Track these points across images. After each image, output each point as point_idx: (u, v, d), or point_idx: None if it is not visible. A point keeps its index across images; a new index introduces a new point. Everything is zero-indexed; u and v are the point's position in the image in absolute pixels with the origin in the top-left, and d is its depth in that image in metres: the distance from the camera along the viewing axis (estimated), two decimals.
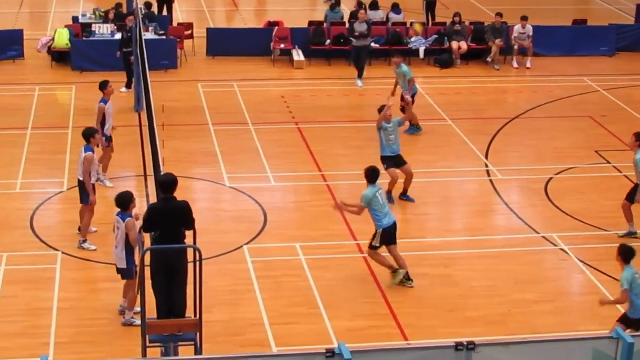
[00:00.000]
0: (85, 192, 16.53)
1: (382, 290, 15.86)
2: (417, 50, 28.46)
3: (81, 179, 16.49)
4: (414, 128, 22.14)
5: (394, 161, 18.70)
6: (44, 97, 24.59)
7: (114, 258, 14.43)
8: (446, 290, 16.01)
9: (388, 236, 15.81)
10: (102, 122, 18.68)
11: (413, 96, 21.85)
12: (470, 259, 17.20)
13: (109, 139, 18.93)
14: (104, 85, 18.93)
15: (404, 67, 22.15)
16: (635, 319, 13.42)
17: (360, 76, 26.26)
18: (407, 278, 15.88)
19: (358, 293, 15.81)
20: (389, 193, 18.62)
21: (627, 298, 13.38)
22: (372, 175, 16.05)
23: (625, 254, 13.51)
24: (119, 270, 14.49)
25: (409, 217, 18.97)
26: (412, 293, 15.81)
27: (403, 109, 21.71)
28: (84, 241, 16.77)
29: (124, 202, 14.18)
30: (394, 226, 15.84)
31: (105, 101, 18.84)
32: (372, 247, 16.04)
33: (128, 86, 24.83)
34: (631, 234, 17.58)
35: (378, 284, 16.02)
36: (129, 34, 24.40)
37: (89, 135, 16.73)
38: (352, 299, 15.60)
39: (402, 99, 21.76)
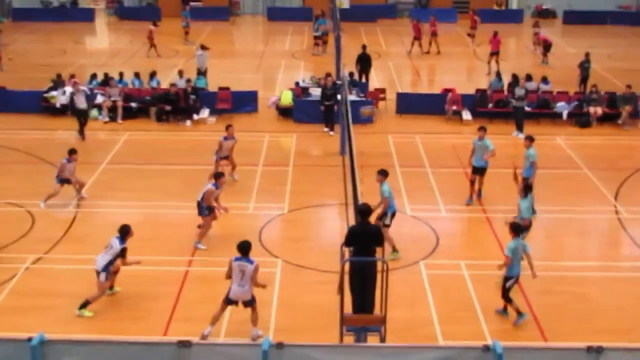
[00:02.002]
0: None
1: (527, 301, 15.39)
2: (561, 113, 27.65)
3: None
4: None
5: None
6: (271, 142, 25.12)
7: (240, 294, 13.64)
8: (580, 305, 15.42)
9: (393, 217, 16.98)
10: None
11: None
12: (601, 280, 16.53)
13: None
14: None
15: (487, 141, 20.06)
16: (510, 276, 14.42)
17: (520, 129, 25.63)
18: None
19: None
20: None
21: (509, 261, 14.25)
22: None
23: (515, 229, 14.42)
24: (246, 304, 13.78)
25: (552, 246, 18.39)
26: (552, 305, 15.31)
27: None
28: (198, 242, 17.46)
29: (248, 248, 13.64)
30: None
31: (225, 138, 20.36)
32: (385, 225, 16.72)
33: (332, 129, 25.40)
34: None
35: (525, 296, 15.56)
36: (332, 91, 24.98)
37: (216, 176, 17.85)
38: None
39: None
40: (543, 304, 15.38)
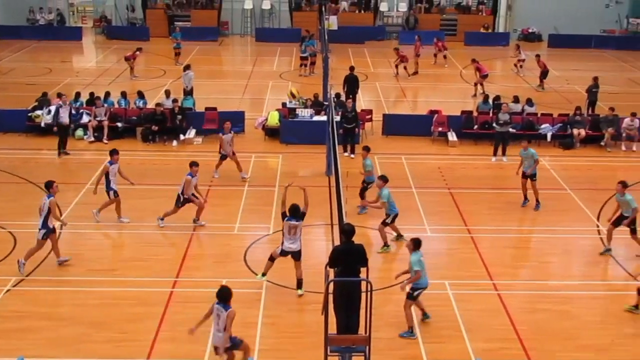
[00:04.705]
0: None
1: (511, 320, 15.52)
2: (546, 135, 27.86)
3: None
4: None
5: None
6: (258, 162, 25.17)
7: (216, 341, 13.08)
8: (564, 322, 15.55)
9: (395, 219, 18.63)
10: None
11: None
12: (584, 299, 16.64)
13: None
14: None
15: (531, 150, 21.51)
16: (420, 288, 14.95)
17: (503, 153, 25.83)
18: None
19: (492, 321, 15.51)
20: None
21: (420, 275, 14.82)
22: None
23: (415, 244, 15.01)
24: (226, 350, 13.15)
25: (535, 264, 18.54)
26: (536, 323, 15.43)
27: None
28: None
29: (226, 296, 12.98)
30: None
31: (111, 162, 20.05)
32: (384, 223, 18.56)
33: (352, 152, 25.73)
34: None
35: (508, 314, 15.69)
36: (353, 114, 25.91)
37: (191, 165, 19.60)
38: (487, 326, 15.31)
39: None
40: (527, 321, 15.49)
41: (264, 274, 16.50)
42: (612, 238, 18.73)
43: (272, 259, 16.43)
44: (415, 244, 15.10)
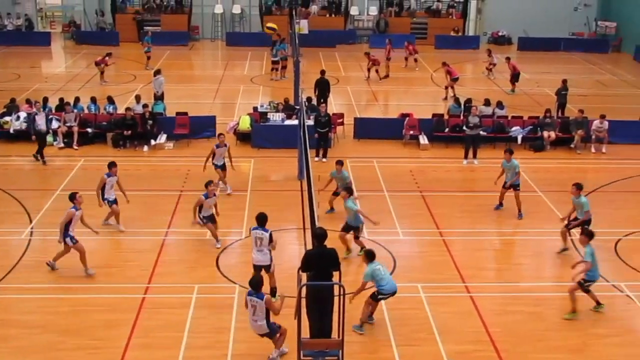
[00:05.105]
0: None
1: (483, 322, 15.62)
2: (516, 138, 28.08)
3: None
4: None
5: None
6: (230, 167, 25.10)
7: (255, 329, 13.75)
8: (536, 324, 15.67)
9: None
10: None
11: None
12: (556, 300, 16.74)
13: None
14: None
15: (515, 162, 21.16)
16: (386, 293, 14.97)
17: (475, 156, 25.99)
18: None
19: (464, 323, 15.59)
20: None
21: (364, 287, 14.90)
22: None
23: (368, 256, 15.00)
24: (264, 335, 13.82)
25: (507, 267, 18.68)
26: (508, 325, 15.53)
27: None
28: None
29: (257, 285, 13.55)
30: None
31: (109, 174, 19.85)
32: (357, 237, 18.39)
33: (325, 156, 25.81)
34: None
35: (481, 316, 15.80)
36: (326, 118, 25.79)
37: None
38: (460, 328, 15.39)
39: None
40: (499, 323, 15.59)
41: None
42: (567, 239, 19.06)
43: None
44: (368, 256, 15.16)
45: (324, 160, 25.53)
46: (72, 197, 17.41)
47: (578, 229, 18.34)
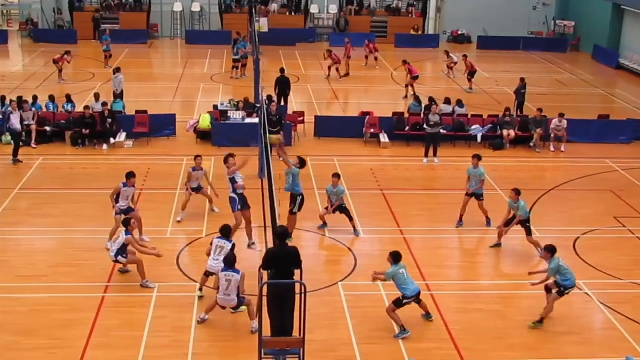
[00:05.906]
0: None
1: (444, 320, 15.76)
2: (476, 136, 28.32)
3: None
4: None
5: None
6: (190, 165, 24.85)
7: (225, 303, 15.03)
8: (496, 322, 15.82)
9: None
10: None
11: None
12: (515, 298, 16.99)
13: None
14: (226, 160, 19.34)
15: (481, 169, 20.85)
16: (410, 297, 15.16)
17: (435, 154, 26.17)
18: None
19: (425, 321, 15.71)
20: None
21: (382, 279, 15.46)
22: None
23: (395, 257, 15.39)
24: (234, 308, 15.16)
25: (467, 265, 18.84)
26: (468, 323, 15.67)
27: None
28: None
29: (231, 260, 14.91)
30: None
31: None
32: (292, 213, 19.12)
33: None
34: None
35: (441, 314, 15.91)
36: (277, 117, 25.66)
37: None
38: (420, 326, 15.50)
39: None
40: (459, 321, 15.72)
41: (200, 289, 16.46)
42: (502, 236, 19.41)
43: (207, 274, 16.39)
44: (395, 258, 15.46)
45: (280, 159, 25.33)
46: (127, 223, 16.96)
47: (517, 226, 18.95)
